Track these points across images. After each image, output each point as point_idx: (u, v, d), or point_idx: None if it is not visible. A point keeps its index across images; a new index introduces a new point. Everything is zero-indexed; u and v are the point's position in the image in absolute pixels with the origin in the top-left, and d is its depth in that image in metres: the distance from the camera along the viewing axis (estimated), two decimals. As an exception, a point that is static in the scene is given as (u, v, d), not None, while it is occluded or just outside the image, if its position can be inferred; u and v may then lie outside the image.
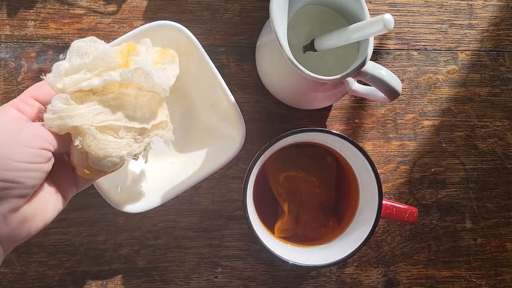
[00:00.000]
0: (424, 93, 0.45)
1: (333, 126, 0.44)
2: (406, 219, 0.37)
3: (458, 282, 0.44)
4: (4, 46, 0.41)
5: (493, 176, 0.45)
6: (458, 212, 0.44)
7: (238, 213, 0.43)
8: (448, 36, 0.45)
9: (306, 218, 0.40)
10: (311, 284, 0.43)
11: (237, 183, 0.43)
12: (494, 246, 0.44)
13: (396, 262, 0.43)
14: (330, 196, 0.41)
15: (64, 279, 0.40)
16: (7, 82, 0.41)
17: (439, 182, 0.44)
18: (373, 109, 0.44)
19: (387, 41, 0.45)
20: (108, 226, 0.41)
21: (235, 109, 0.38)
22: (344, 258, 0.35)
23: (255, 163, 0.35)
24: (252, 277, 0.42)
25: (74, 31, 0.42)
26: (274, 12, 0.32)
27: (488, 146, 0.45)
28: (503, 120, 0.45)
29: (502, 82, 0.45)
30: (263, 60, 0.40)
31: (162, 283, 0.41)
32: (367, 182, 0.37)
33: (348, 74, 0.33)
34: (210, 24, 0.43)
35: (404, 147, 0.44)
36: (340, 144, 0.38)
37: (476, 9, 0.46)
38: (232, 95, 0.38)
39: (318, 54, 0.38)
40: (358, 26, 0.32)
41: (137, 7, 0.42)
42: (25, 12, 0.41)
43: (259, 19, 0.43)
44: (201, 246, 0.42)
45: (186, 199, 0.42)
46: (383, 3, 0.45)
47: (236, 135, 0.38)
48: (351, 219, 0.39)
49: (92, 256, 0.41)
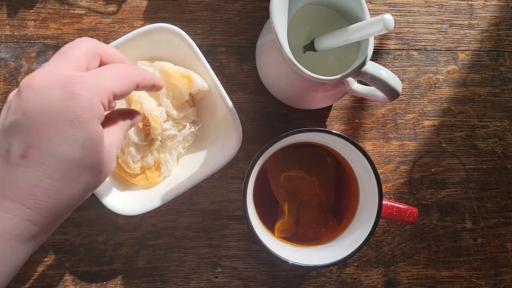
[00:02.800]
0: (424, 93, 0.45)
1: (333, 126, 0.44)
2: (406, 219, 0.37)
3: (458, 282, 0.44)
4: (4, 46, 0.41)
5: (493, 176, 0.45)
6: (458, 212, 0.44)
7: (238, 213, 0.43)
8: (448, 36, 0.45)
9: (306, 218, 0.40)
10: (311, 284, 0.43)
11: (237, 183, 0.43)
12: (494, 246, 0.44)
13: (396, 262, 0.43)
14: (330, 196, 0.41)
15: (64, 279, 0.40)
16: (7, 82, 0.41)
17: (439, 182, 0.44)
18: (373, 109, 0.44)
19: (387, 41, 0.45)
20: (108, 226, 0.41)
21: (231, 111, 0.38)
22: (344, 258, 0.35)
23: (255, 163, 0.35)
24: (252, 277, 0.42)
25: (74, 31, 0.42)
26: (274, 12, 0.32)
27: (488, 146, 0.45)
28: (503, 120, 0.45)
29: (502, 82, 0.45)
30: (263, 60, 0.40)
31: (162, 283, 0.41)
32: (367, 182, 0.37)
33: (348, 74, 0.33)
34: (210, 24, 0.43)
35: (404, 147, 0.44)
36: (340, 144, 0.38)
37: (476, 9, 0.46)
38: (228, 97, 0.38)
39: (318, 54, 0.38)
40: (358, 26, 0.32)
41: (137, 7, 0.42)
42: (25, 12, 0.41)
43: (259, 19, 0.43)
44: (201, 246, 0.42)
45: (186, 199, 0.42)
46: (383, 3, 0.45)
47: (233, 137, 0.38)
48: (351, 219, 0.39)
49: (92, 256, 0.41)
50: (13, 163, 0.24)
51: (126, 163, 0.38)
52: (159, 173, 0.39)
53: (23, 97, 0.25)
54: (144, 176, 0.39)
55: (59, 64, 0.26)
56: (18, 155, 0.24)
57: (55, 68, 0.26)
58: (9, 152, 0.24)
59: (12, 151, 0.24)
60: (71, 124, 0.24)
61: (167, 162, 0.39)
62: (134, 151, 0.38)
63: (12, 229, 0.24)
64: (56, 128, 0.24)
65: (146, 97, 0.38)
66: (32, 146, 0.24)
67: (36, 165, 0.24)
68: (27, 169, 0.24)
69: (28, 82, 0.25)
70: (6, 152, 0.24)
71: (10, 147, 0.24)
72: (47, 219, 0.25)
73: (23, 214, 0.24)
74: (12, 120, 0.25)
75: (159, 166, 0.39)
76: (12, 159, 0.24)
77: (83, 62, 0.27)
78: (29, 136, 0.24)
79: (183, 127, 0.40)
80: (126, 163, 0.38)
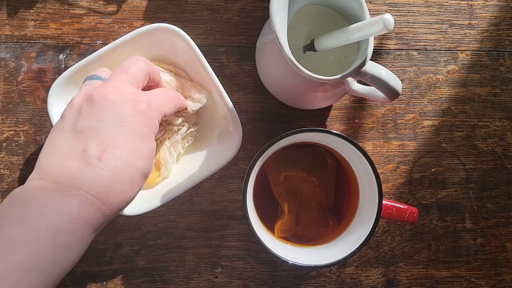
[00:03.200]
0: (424, 93, 0.45)
1: (333, 126, 0.44)
2: (406, 219, 0.37)
3: (458, 282, 0.44)
4: (4, 46, 0.41)
5: (493, 176, 0.45)
6: (458, 212, 0.44)
7: (238, 213, 0.43)
8: (448, 36, 0.45)
9: (306, 218, 0.40)
10: (311, 284, 0.43)
11: (237, 183, 0.43)
12: (494, 246, 0.44)
13: (396, 262, 0.43)
14: (330, 196, 0.41)
15: (64, 279, 0.40)
16: (7, 82, 0.41)
17: (439, 182, 0.44)
18: (373, 109, 0.44)
19: (387, 41, 0.45)
20: (108, 226, 0.41)
21: (231, 111, 0.38)
22: (344, 258, 0.35)
23: (255, 163, 0.35)
24: (252, 277, 0.42)
25: (74, 31, 0.42)
26: (274, 12, 0.32)
27: (488, 146, 0.45)
28: (503, 120, 0.45)
29: (502, 82, 0.45)
30: (263, 60, 0.40)
31: (162, 283, 0.41)
32: (367, 182, 0.37)
33: (348, 74, 0.33)
34: (210, 24, 0.43)
35: (404, 147, 0.44)
36: (340, 144, 0.38)
37: (476, 9, 0.46)
38: (228, 98, 0.38)
39: (318, 54, 0.38)
40: (358, 26, 0.32)
41: (137, 7, 0.42)
42: (25, 12, 0.41)
43: (259, 19, 0.43)
44: (201, 246, 0.42)
45: (186, 199, 0.42)
46: (383, 3, 0.45)
47: (233, 137, 0.38)
48: (351, 219, 0.39)
49: (92, 256, 0.41)
50: (91, 163, 0.27)
51: None
52: (158, 174, 0.39)
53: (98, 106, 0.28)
54: None
55: (123, 81, 0.30)
56: (95, 157, 0.27)
57: (121, 83, 0.30)
58: (87, 153, 0.27)
59: (89, 152, 0.27)
60: (138, 138, 0.29)
61: (167, 162, 0.39)
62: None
63: (90, 219, 0.27)
64: (127, 139, 0.28)
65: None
66: (106, 150, 0.27)
67: (110, 168, 0.27)
68: (103, 170, 0.27)
69: (103, 94, 0.29)
70: (83, 152, 0.27)
71: (87, 148, 0.27)
72: (112, 214, 0.28)
73: (98, 207, 0.27)
74: (88, 124, 0.28)
75: (159, 166, 0.39)
76: (90, 159, 0.27)
77: (141, 80, 0.31)
78: (104, 142, 0.28)
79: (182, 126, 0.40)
80: None
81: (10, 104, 0.41)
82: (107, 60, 0.37)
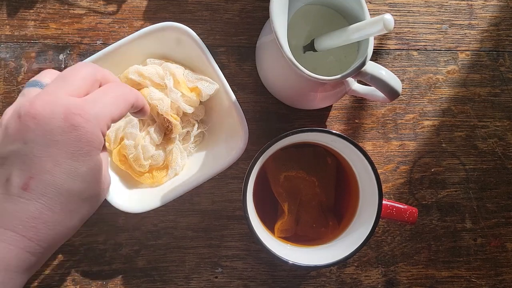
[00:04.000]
0: (424, 93, 0.45)
1: (333, 126, 0.44)
2: (406, 219, 0.37)
3: (458, 282, 0.44)
4: (4, 46, 0.41)
5: (493, 176, 0.45)
6: (458, 212, 0.44)
7: (238, 213, 0.43)
8: (448, 36, 0.45)
9: (306, 218, 0.40)
10: (311, 284, 0.43)
11: (237, 183, 0.43)
12: (494, 246, 0.44)
13: (396, 262, 0.43)
14: (330, 196, 0.41)
15: (64, 279, 0.40)
16: (7, 82, 0.41)
17: (439, 182, 0.44)
18: (373, 109, 0.44)
19: (387, 41, 0.45)
20: (108, 226, 0.41)
21: (237, 111, 0.38)
22: (344, 258, 0.35)
23: (255, 163, 0.35)
24: (252, 277, 0.42)
25: (74, 31, 0.42)
26: (274, 12, 0.32)
27: (488, 146, 0.45)
28: (503, 120, 0.45)
29: (502, 82, 0.45)
30: (263, 60, 0.40)
31: (162, 283, 0.41)
32: (367, 182, 0.37)
33: (348, 74, 0.33)
34: (210, 24, 0.43)
35: (404, 147, 0.44)
36: (340, 144, 0.38)
37: (476, 9, 0.46)
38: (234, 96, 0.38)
39: (318, 54, 0.38)
40: (358, 26, 0.32)
41: (137, 7, 0.42)
42: (25, 12, 0.41)
43: (259, 19, 0.43)
44: (201, 246, 0.42)
45: (186, 199, 0.42)
46: (383, 3, 0.45)
47: (238, 136, 0.38)
48: (351, 219, 0.39)
49: (92, 256, 0.41)
50: (14, 193, 0.24)
51: (137, 159, 0.38)
52: (166, 173, 0.39)
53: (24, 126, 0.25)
54: (150, 175, 0.39)
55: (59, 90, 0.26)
56: (19, 186, 0.24)
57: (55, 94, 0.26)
58: (10, 182, 0.24)
59: (13, 181, 0.24)
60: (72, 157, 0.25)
61: (177, 164, 0.39)
62: (147, 147, 0.38)
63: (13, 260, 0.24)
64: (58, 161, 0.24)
65: (157, 97, 0.38)
66: (33, 177, 0.24)
67: (37, 197, 0.24)
68: (28, 201, 0.24)
69: (29, 110, 0.25)
70: (7, 181, 0.24)
71: (10, 176, 0.24)
72: (46, 250, 0.25)
73: (24, 246, 0.24)
74: (13, 148, 0.25)
75: (167, 166, 0.39)
76: (13, 189, 0.24)
77: (83, 89, 0.27)
78: (30, 167, 0.24)
79: (192, 125, 0.40)
80: (137, 159, 0.38)
81: (10, 104, 0.41)
82: (115, 59, 0.37)
